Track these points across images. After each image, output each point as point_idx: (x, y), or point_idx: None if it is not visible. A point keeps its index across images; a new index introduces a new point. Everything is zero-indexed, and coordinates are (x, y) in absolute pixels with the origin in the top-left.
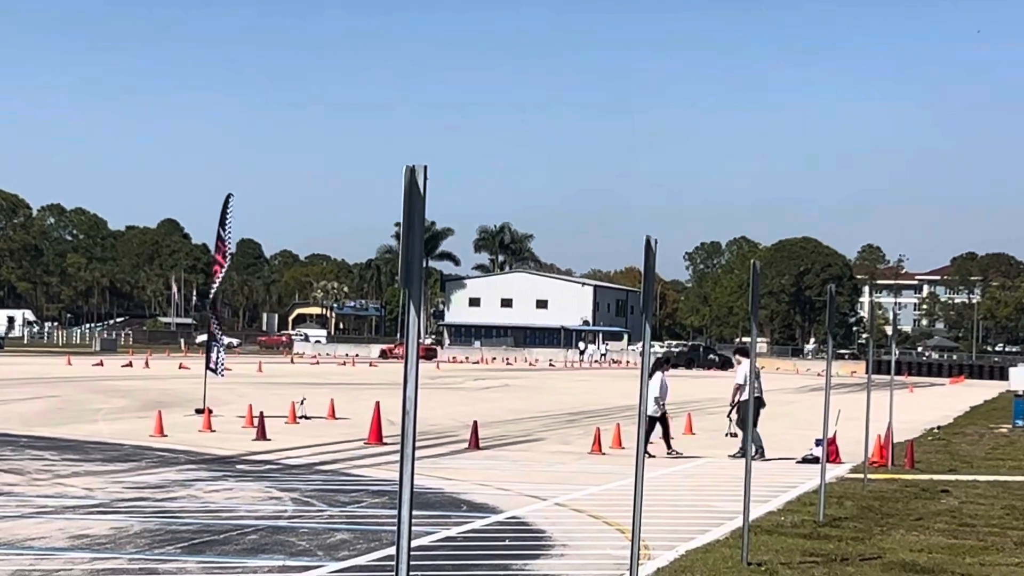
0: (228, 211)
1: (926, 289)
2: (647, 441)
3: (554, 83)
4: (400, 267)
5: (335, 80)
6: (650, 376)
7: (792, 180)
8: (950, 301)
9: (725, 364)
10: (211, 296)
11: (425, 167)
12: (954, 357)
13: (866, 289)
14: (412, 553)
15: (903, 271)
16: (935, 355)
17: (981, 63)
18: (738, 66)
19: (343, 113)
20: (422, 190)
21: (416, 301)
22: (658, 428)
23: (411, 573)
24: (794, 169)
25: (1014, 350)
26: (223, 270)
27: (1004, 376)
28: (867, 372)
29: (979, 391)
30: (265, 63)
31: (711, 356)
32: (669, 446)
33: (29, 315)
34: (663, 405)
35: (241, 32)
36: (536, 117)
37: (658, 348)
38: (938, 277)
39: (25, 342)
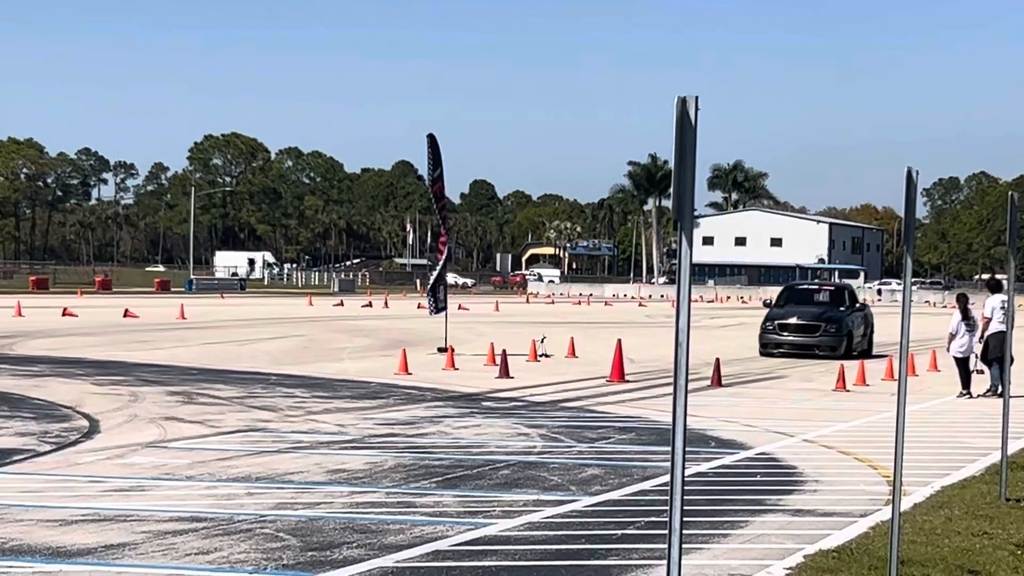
0: (435, 151)
1: None
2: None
3: (783, 20)
4: (672, 201)
5: (549, 23)
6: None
7: None
8: None
9: None
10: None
11: (696, 98)
12: None
13: None
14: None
15: None
16: None
17: None
18: None
19: (572, 54)
20: (693, 121)
21: (688, 235)
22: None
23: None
24: None
25: None
26: (439, 207)
27: None
28: None
29: None
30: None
31: None
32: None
33: (269, 257)
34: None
35: None
36: (765, 55)
37: (895, 285)
38: None
39: (265, 283)
